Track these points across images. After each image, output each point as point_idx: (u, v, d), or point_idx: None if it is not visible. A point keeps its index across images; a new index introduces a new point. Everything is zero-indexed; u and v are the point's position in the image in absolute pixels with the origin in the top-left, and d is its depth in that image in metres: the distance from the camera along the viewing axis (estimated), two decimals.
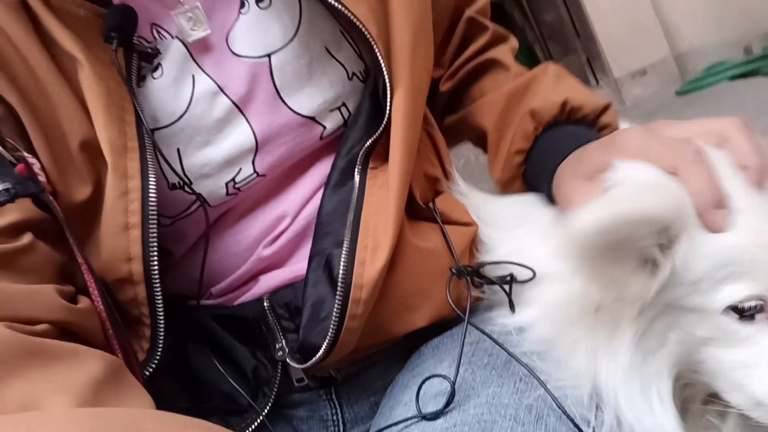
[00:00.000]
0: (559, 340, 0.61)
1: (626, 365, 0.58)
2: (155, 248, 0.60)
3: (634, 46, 3.26)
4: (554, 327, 0.62)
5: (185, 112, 0.65)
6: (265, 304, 0.70)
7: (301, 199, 0.72)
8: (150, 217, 0.60)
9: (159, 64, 0.65)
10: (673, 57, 3.27)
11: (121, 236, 0.60)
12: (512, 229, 0.74)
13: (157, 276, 0.61)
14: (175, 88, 0.65)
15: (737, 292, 0.56)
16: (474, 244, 0.73)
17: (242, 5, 0.67)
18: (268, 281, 0.72)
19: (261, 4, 0.67)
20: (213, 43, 0.66)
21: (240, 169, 0.68)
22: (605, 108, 0.78)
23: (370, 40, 0.65)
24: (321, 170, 0.72)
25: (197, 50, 0.66)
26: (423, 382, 0.60)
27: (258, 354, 0.71)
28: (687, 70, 3.22)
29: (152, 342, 0.63)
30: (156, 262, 0.60)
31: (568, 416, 0.54)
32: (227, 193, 0.69)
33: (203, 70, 0.66)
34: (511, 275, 0.66)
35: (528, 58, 4.27)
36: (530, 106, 0.76)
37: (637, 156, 0.62)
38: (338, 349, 0.65)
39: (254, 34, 0.66)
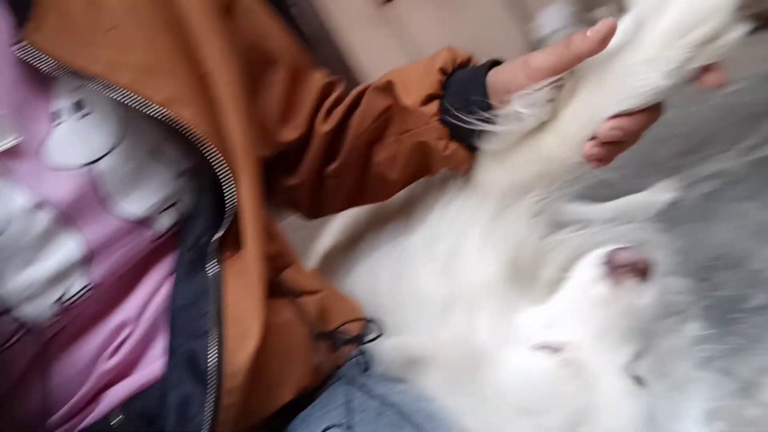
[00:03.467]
0: None
1: None
2: None
3: None
4: None
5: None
6: (115, 421, 0.65)
7: (141, 303, 0.68)
8: None
9: None
10: None
11: None
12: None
13: None
14: None
15: None
16: (325, 308, 0.74)
17: (54, 116, 0.62)
18: (115, 395, 0.67)
19: (79, 114, 0.63)
20: (27, 154, 0.60)
21: (70, 285, 0.63)
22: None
23: (200, 140, 0.64)
24: (159, 271, 0.70)
25: (8, 163, 0.59)
26: None
27: None
28: None
29: None
30: None
31: None
32: (57, 313, 0.63)
33: (17, 185, 0.59)
34: (360, 335, 0.70)
35: None
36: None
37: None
38: None
39: (74, 143, 0.62)
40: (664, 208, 1.14)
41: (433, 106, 0.77)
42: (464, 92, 0.74)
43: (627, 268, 0.62)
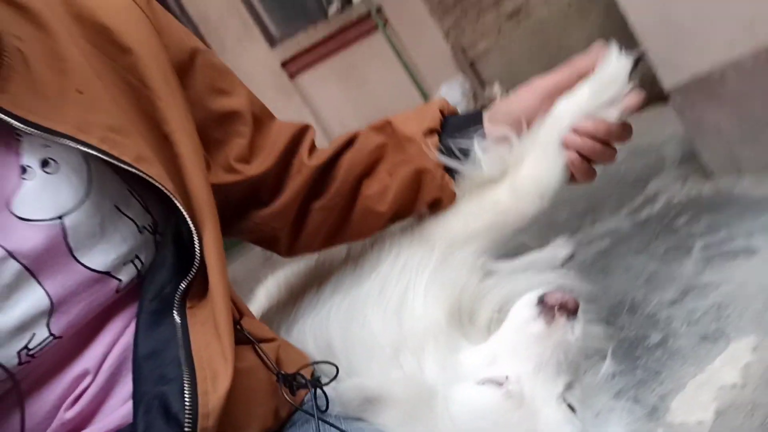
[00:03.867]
0: None
1: None
2: None
3: None
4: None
5: None
6: None
7: (101, 354, 0.68)
8: None
9: None
10: None
11: None
12: None
13: None
14: None
15: None
16: (279, 356, 0.77)
17: (24, 171, 0.64)
18: None
19: (47, 169, 0.65)
20: None
21: (34, 334, 0.62)
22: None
23: (170, 195, 0.67)
24: (119, 322, 0.70)
25: None
26: None
27: None
28: None
29: None
30: None
31: None
32: (19, 363, 0.62)
33: None
34: (317, 377, 0.73)
35: None
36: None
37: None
38: None
39: (43, 197, 0.64)
40: (567, 264, 1.27)
41: (434, 138, 0.87)
42: (461, 125, 0.85)
43: (558, 307, 0.71)
